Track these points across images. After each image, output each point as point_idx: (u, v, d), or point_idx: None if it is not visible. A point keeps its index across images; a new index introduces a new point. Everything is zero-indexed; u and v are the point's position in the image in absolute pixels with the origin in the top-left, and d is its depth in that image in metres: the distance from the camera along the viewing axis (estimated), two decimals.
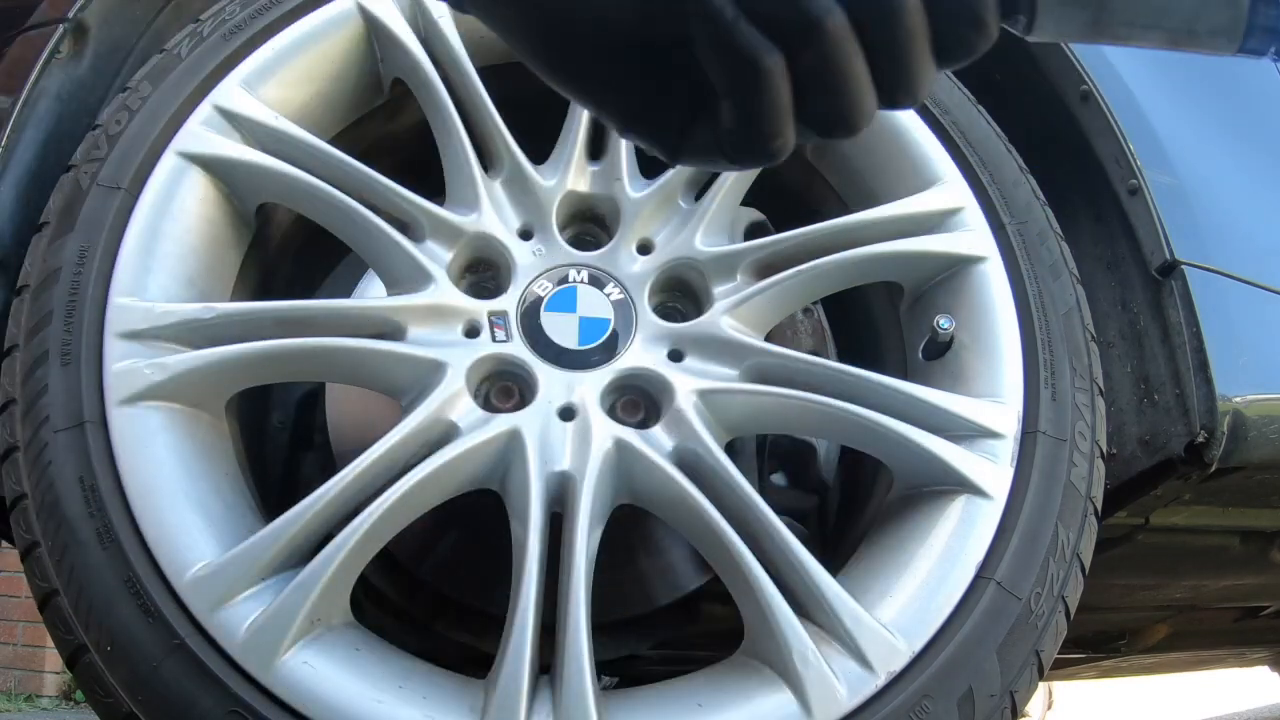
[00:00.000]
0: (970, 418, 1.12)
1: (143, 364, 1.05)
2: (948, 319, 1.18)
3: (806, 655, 1.00)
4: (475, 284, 1.18)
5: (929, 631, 1.04)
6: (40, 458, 1.02)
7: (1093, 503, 1.13)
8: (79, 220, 1.11)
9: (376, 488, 1.02)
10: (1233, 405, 1.24)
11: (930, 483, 1.13)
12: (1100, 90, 1.33)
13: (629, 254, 1.20)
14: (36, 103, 1.22)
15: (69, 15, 1.24)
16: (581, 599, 1.00)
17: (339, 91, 1.26)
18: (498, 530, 1.07)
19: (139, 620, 0.97)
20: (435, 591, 1.27)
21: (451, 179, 1.20)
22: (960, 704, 1.02)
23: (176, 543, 1.00)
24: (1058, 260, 1.22)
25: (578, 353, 1.13)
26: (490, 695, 0.98)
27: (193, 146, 1.15)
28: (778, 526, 1.05)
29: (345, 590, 1.02)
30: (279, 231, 1.31)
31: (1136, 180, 1.30)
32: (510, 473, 1.07)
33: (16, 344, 1.08)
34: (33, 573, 1.01)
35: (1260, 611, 2.13)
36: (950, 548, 1.08)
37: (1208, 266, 1.29)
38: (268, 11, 1.22)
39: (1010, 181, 1.25)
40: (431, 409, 1.06)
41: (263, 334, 1.08)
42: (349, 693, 0.97)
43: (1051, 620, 1.07)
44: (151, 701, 0.96)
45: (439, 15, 1.23)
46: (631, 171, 1.22)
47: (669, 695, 1.04)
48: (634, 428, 1.10)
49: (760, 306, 1.17)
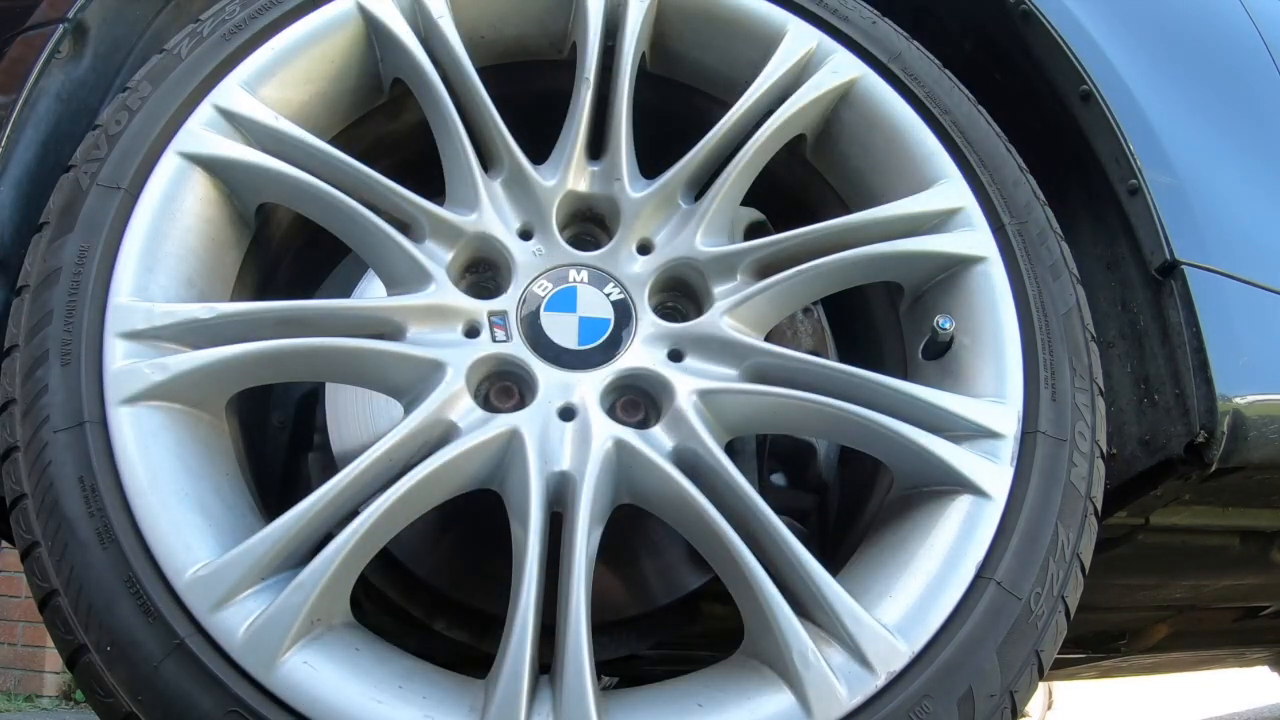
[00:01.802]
0: (970, 418, 1.12)
1: (143, 364, 1.05)
2: (948, 319, 1.18)
3: (806, 655, 1.00)
4: (475, 284, 1.18)
5: (929, 631, 1.04)
6: (40, 458, 1.02)
7: (1093, 503, 1.13)
8: (79, 220, 1.11)
9: (376, 488, 1.02)
10: (1233, 405, 1.24)
11: (930, 483, 1.13)
12: (1100, 90, 1.34)
13: (629, 254, 1.20)
14: (36, 103, 1.22)
15: (69, 15, 1.24)
16: (581, 599, 1.00)
17: (339, 91, 1.26)
18: (497, 530, 1.07)
19: (139, 620, 0.97)
20: (435, 591, 1.27)
21: (451, 179, 1.20)
22: (960, 704, 1.02)
23: (176, 543, 1.00)
24: (1058, 260, 1.22)
25: (578, 353, 1.13)
26: (490, 695, 0.98)
27: (193, 147, 1.15)
28: (778, 526, 1.05)
29: (345, 590, 1.02)
30: (279, 231, 1.31)
31: (1136, 180, 1.30)
32: (510, 473, 1.07)
33: (16, 344, 1.08)
34: (33, 573, 1.01)
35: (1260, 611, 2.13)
36: (950, 548, 1.08)
37: (1208, 266, 1.29)
38: (268, 11, 1.22)
39: (1010, 181, 1.25)
40: (431, 409, 1.06)
41: (263, 334, 1.08)
42: (349, 693, 0.97)
43: (1051, 620, 1.07)
44: (151, 701, 0.96)
45: (439, 15, 1.23)
46: (631, 171, 1.22)
47: (669, 695, 1.04)
48: (634, 428, 1.10)
49: (760, 306, 1.17)
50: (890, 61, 1.29)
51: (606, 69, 1.25)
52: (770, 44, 1.28)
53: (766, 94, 1.25)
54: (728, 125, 1.24)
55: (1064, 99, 1.36)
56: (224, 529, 1.03)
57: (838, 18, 1.30)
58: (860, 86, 1.28)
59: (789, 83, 1.27)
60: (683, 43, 1.33)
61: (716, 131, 1.23)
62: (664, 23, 1.31)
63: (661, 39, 1.32)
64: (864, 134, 1.29)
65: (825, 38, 1.29)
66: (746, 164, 1.22)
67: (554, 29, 1.33)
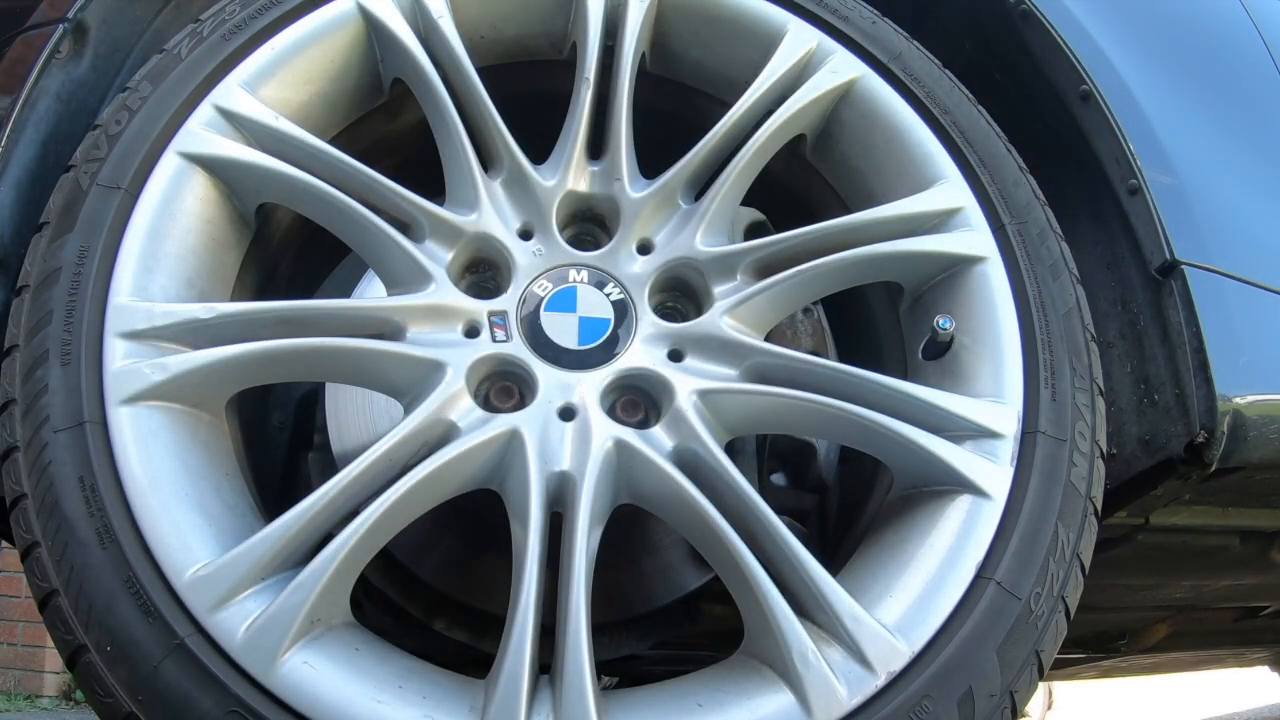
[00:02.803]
0: (970, 418, 1.12)
1: (143, 364, 1.05)
2: (948, 319, 1.18)
3: (806, 655, 1.00)
4: (475, 284, 1.18)
5: (929, 631, 1.04)
6: (40, 458, 1.02)
7: (1093, 503, 1.13)
8: (79, 220, 1.11)
9: (376, 488, 1.02)
10: (1233, 405, 1.24)
11: (930, 483, 1.13)
12: (1100, 90, 1.34)
13: (629, 254, 1.20)
14: (36, 103, 1.22)
15: (69, 15, 1.24)
16: (581, 599, 1.00)
17: (339, 91, 1.26)
18: (497, 530, 1.07)
19: (139, 620, 0.97)
20: (435, 591, 1.27)
21: (451, 179, 1.20)
22: (960, 704, 1.02)
23: (176, 543, 1.00)
24: (1058, 260, 1.22)
25: (578, 353, 1.13)
26: (490, 695, 0.98)
27: (193, 147, 1.15)
28: (778, 526, 1.05)
29: (345, 590, 1.02)
30: (279, 231, 1.31)
31: (1136, 180, 1.30)
32: (510, 473, 1.07)
33: (16, 344, 1.08)
34: (33, 573, 1.01)
35: (1260, 611, 2.13)
36: (950, 548, 1.08)
37: (1208, 266, 1.29)
38: (268, 11, 1.22)
39: (1010, 181, 1.25)
40: (431, 409, 1.06)
41: (263, 334, 1.08)
42: (348, 693, 0.97)
43: (1051, 620, 1.07)
44: (151, 701, 0.96)
45: (439, 15, 1.23)
46: (631, 171, 1.22)
47: (669, 695, 1.04)
48: (634, 428, 1.10)
49: (760, 307, 1.17)
50: (890, 61, 1.29)
51: (606, 69, 1.25)
52: (770, 44, 1.28)
53: (766, 94, 1.25)
54: (728, 125, 1.24)
55: (1064, 99, 1.36)
56: (224, 529, 1.03)
57: (838, 17, 1.30)
58: (860, 86, 1.28)
59: (789, 83, 1.27)
60: (683, 43, 1.33)
61: (716, 131, 1.23)
62: (664, 23, 1.31)
63: (661, 39, 1.33)
64: (864, 134, 1.29)
65: (825, 37, 1.29)
66: (746, 164, 1.22)
67: (554, 29, 1.33)
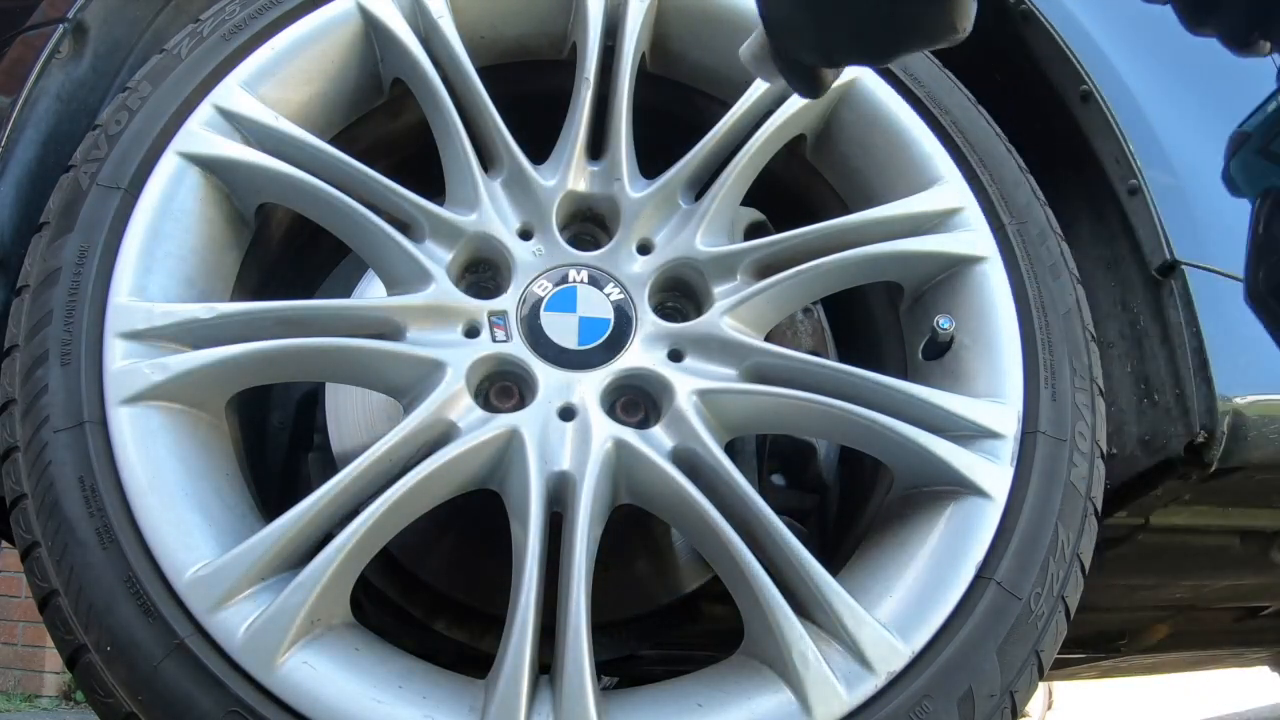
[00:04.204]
0: (970, 418, 1.12)
1: (143, 364, 1.05)
2: (948, 319, 1.18)
3: (806, 655, 1.00)
4: (475, 284, 1.18)
5: (929, 631, 1.04)
6: (40, 458, 1.02)
7: (1093, 503, 1.13)
8: (79, 220, 1.11)
9: (376, 488, 1.02)
10: (1233, 405, 1.24)
11: (930, 483, 1.13)
12: (1100, 90, 1.33)
13: (629, 254, 1.20)
14: (36, 103, 1.22)
15: (69, 15, 1.24)
16: (581, 599, 1.00)
17: (339, 91, 1.26)
18: (497, 530, 1.07)
19: (139, 620, 0.97)
20: (435, 591, 1.27)
21: (451, 179, 1.20)
22: (960, 704, 1.02)
23: (176, 543, 1.00)
24: (1058, 260, 1.22)
25: (578, 353, 1.13)
26: (490, 695, 0.98)
27: (193, 147, 1.15)
28: (778, 526, 1.05)
29: (345, 590, 1.02)
30: (279, 231, 1.31)
31: (1136, 180, 1.30)
32: (510, 473, 1.06)
33: (16, 344, 1.08)
34: (33, 573, 1.01)
35: (1260, 611, 2.13)
36: (950, 548, 1.08)
37: (1208, 266, 1.29)
38: (268, 11, 1.22)
39: (1010, 181, 1.25)
40: (431, 409, 1.06)
41: (263, 334, 1.08)
42: (348, 693, 0.97)
43: (1051, 620, 1.07)
44: (151, 701, 0.96)
45: (439, 15, 1.23)
46: (631, 171, 1.22)
47: (669, 695, 1.04)
48: (634, 428, 1.10)
49: (760, 307, 1.17)
50: None
51: (606, 69, 1.25)
52: None
53: (766, 94, 1.25)
54: (728, 125, 1.24)
55: (1064, 99, 1.36)
56: (224, 529, 1.03)
57: None
58: (860, 86, 1.28)
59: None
60: (683, 43, 1.33)
61: (716, 131, 1.23)
62: (664, 23, 1.31)
63: (661, 39, 1.32)
64: (864, 134, 1.29)
65: None
66: (746, 164, 1.22)
67: (554, 29, 1.33)
